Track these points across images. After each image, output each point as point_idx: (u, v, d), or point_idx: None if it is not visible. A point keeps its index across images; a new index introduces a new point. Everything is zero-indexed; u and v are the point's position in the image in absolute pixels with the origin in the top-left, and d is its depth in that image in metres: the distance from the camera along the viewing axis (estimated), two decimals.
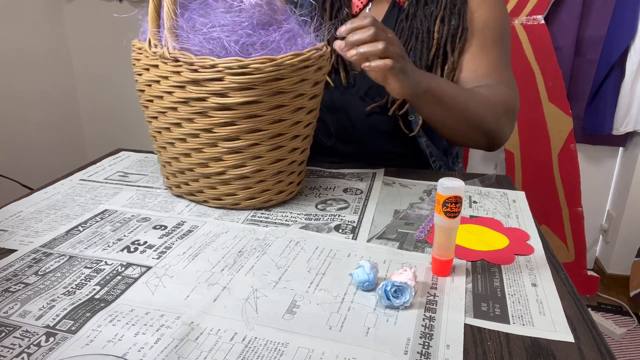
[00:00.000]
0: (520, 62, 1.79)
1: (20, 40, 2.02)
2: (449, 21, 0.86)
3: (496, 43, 0.88)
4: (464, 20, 0.86)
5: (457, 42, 0.86)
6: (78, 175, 0.83)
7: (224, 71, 0.59)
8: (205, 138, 0.64)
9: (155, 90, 0.65)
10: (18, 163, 2.03)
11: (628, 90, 1.78)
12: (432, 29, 0.86)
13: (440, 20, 0.86)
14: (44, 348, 0.43)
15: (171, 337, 0.44)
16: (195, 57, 0.59)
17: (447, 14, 0.86)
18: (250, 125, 0.63)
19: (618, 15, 1.74)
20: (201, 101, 0.61)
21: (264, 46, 0.62)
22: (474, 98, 0.80)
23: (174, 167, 0.69)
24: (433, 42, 0.86)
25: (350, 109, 0.90)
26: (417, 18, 0.87)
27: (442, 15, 0.86)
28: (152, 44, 0.63)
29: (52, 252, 0.58)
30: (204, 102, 0.61)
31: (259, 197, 0.69)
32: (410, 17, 0.87)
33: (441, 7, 0.86)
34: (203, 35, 0.61)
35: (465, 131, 0.82)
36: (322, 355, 0.42)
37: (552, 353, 0.43)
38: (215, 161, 0.65)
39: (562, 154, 1.85)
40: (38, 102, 2.14)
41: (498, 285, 0.52)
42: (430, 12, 0.87)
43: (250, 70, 0.59)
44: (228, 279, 0.53)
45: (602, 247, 2.14)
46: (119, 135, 2.33)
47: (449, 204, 0.50)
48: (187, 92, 0.61)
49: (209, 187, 0.68)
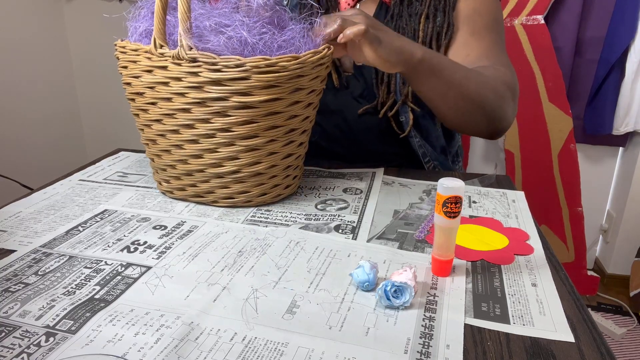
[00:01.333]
0: (520, 62, 1.79)
1: (20, 38, 2.02)
2: (434, 18, 0.85)
3: (488, 29, 0.86)
4: (449, 16, 0.84)
5: (442, 39, 0.84)
6: (77, 176, 0.83)
7: (250, 70, 0.59)
8: (222, 137, 0.64)
9: (161, 93, 0.64)
10: (18, 163, 2.03)
11: (628, 90, 1.78)
12: (417, 28, 0.85)
13: (425, 18, 0.85)
14: (44, 348, 0.43)
15: (171, 337, 0.44)
16: (218, 56, 0.59)
17: (432, 11, 0.85)
18: (269, 122, 0.64)
19: (618, 15, 1.74)
20: (221, 101, 0.61)
21: (284, 44, 0.63)
22: (474, 75, 0.77)
23: (178, 170, 0.69)
24: (418, 40, 0.85)
25: (344, 110, 0.90)
26: (402, 17, 0.86)
27: (427, 12, 0.85)
28: (157, 44, 0.62)
29: (52, 252, 0.58)
30: (225, 102, 0.61)
31: (270, 192, 0.70)
32: (395, 16, 0.87)
33: (425, 5, 0.85)
34: (224, 35, 0.61)
35: (465, 110, 0.78)
36: (322, 355, 0.42)
37: (552, 353, 0.43)
38: (230, 160, 0.66)
39: (562, 154, 1.85)
40: (38, 101, 2.14)
41: (498, 285, 0.52)
42: (415, 11, 0.86)
43: (277, 68, 0.60)
44: (228, 279, 0.53)
45: (602, 247, 2.14)
46: (118, 135, 2.33)
47: (449, 204, 0.50)
48: (205, 92, 0.61)
49: (220, 187, 0.68)
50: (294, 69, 0.61)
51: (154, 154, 0.71)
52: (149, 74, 0.64)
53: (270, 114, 0.63)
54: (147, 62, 0.64)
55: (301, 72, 0.62)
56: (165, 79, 0.63)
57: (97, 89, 2.30)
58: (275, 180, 0.70)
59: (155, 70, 0.63)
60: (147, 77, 0.64)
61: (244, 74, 0.59)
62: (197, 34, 0.61)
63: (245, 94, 0.61)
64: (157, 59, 0.63)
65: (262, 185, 0.69)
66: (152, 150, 0.71)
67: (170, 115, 0.65)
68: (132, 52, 0.65)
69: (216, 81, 0.60)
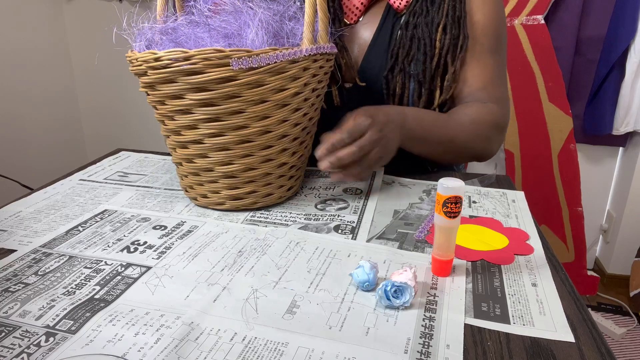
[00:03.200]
0: (520, 62, 1.79)
1: (20, 40, 2.02)
2: (451, 30, 0.83)
3: (492, 52, 0.85)
4: (464, 28, 0.83)
5: (458, 52, 0.83)
6: (78, 175, 0.83)
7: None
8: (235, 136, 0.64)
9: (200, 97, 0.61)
10: (18, 163, 2.03)
11: (628, 90, 1.78)
12: (434, 38, 0.83)
13: (443, 29, 0.83)
14: (44, 348, 0.43)
15: (171, 337, 0.44)
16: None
17: (450, 22, 0.83)
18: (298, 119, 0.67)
19: (618, 15, 1.74)
20: (262, 103, 0.62)
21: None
22: (461, 127, 0.80)
23: (202, 177, 0.68)
24: (435, 51, 0.83)
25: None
26: (418, 27, 0.83)
27: (445, 23, 0.83)
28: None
29: (51, 252, 0.58)
30: (263, 104, 0.62)
31: (275, 193, 0.70)
32: (411, 26, 0.84)
33: (443, 15, 0.83)
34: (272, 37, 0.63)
35: (453, 156, 0.83)
36: (322, 355, 0.42)
37: (552, 353, 0.43)
38: (266, 161, 0.67)
39: (562, 154, 1.85)
40: (38, 101, 2.14)
41: (498, 285, 0.52)
42: (431, 20, 0.83)
43: (322, 63, 0.65)
44: (228, 279, 0.53)
45: (602, 247, 2.14)
46: (119, 135, 2.34)
47: (449, 204, 0.50)
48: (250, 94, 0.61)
49: (230, 188, 0.68)
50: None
51: (200, 155, 0.68)
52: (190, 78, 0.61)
53: (295, 109, 0.66)
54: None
55: None
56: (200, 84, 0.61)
57: (98, 90, 2.30)
58: (282, 180, 0.70)
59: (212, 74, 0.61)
60: (182, 82, 0.62)
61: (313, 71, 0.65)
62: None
63: (281, 90, 0.63)
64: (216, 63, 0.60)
65: (270, 185, 0.69)
66: (193, 151, 0.67)
67: (206, 121, 0.63)
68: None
69: (258, 84, 0.61)
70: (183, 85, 0.60)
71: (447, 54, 0.83)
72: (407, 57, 0.83)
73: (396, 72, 0.84)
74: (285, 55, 0.60)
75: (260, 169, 0.66)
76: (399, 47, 0.83)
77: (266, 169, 0.67)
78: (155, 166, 0.87)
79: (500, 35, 0.87)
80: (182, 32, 0.64)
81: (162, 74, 0.60)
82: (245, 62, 0.58)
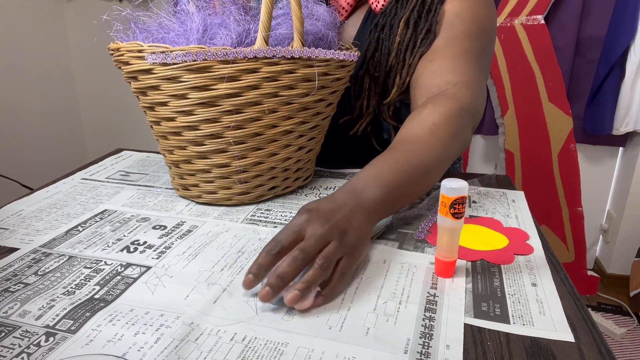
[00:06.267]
0: (520, 62, 1.79)
1: (20, 39, 2.03)
2: (415, 24, 0.78)
3: (467, 36, 0.77)
4: (430, 22, 0.77)
5: (416, 47, 0.78)
6: (80, 174, 0.83)
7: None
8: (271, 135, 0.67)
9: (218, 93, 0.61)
10: (18, 162, 2.04)
11: (628, 90, 1.78)
12: (395, 34, 0.79)
13: (405, 23, 0.78)
14: (44, 348, 0.43)
15: (171, 337, 0.44)
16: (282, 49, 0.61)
17: (415, 17, 0.78)
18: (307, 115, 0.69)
19: (618, 15, 1.74)
20: (274, 97, 0.64)
21: (315, 38, 0.69)
22: (425, 146, 0.65)
23: (214, 173, 0.68)
24: (394, 46, 0.79)
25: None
26: (385, 28, 0.81)
27: (408, 17, 0.78)
28: None
29: (51, 252, 0.58)
30: (276, 98, 0.64)
31: (280, 185, 0.73)
32: (379, 27, 0.81)
33: (409, 9, 0.79)
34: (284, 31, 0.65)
35: (441, 173, 0.68)
36: (322, 355, 0.42)
37: (552, 353, 0.43)
38: (275, 154, 0.69)
39: (562, 154, 1.85)
40: (38, 102, 2.14)
41: (498, 285, 0.52)
42: (399, 19, 0.80)
43: (336, 61, 0.67)
44: (228, 279, 0.53)
45: (602, 247, 2.14)
46: (119, 135, 2.34)
47: (457, 205, 0.50)
48: (263, 89, 0.63)
49: (258, 185, 0.71)
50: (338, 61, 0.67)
51: (200, 154, 0.67)
52: (201, 73, 0.62)
53: (307, 107, 0.68)
54: (200, 64, 0.61)
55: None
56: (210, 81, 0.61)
57: (97, 88, 2.30)
58: (287, 173, 0.73)
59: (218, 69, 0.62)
60: (195, 78, 0.62)
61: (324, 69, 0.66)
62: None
63: (290, 87, 0.65)
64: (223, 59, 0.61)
65: (275, 178, 0.71)
66: (191, 151, 0.67)
67: (215, 118, 0.64)
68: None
69: (272, 78, 0.63)
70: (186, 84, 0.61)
71: (406, 51, 0.79)
72: (372, 58, 0.82)
73: (361, 73, 0.84)
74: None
75: (268, 162, 0.69)
76: (366, 48, 0.83)
77: (275, 161, 0.70)
78: (157, 165, 0.87)
79: (481, 23, 0.79)
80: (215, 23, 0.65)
81: (167, 71, 0.60)
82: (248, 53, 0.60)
